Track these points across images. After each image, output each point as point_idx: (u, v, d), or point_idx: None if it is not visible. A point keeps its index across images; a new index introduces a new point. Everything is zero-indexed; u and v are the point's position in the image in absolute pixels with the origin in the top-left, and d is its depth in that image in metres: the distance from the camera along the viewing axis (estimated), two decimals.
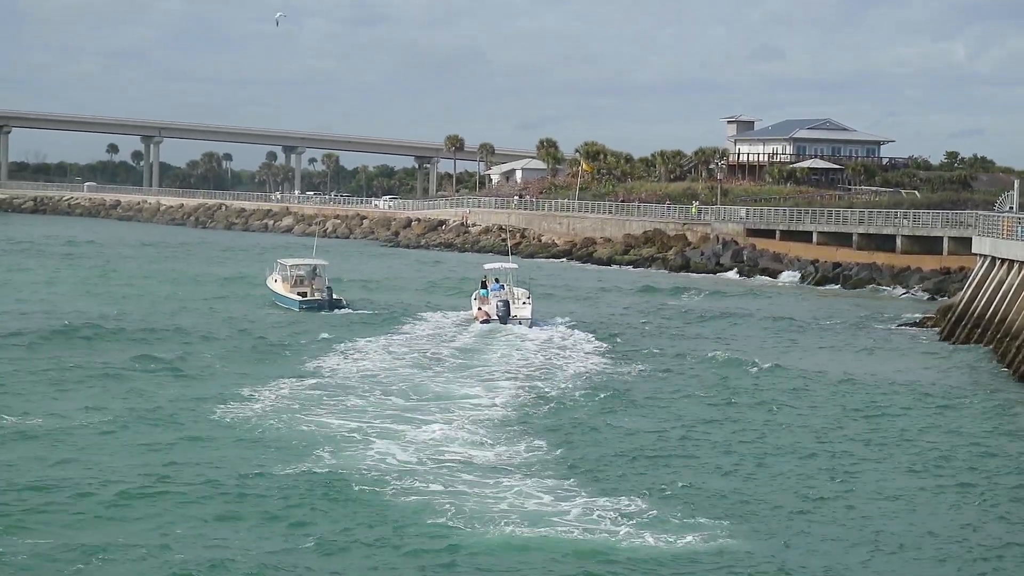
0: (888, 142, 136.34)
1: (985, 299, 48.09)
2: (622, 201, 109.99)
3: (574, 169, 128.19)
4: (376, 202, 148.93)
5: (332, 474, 24.05)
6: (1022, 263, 44.99)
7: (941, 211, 79.52)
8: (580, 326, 49.80)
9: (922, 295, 67.47)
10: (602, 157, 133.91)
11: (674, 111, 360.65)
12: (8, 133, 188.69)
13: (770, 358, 41.75)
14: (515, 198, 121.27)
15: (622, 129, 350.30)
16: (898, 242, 77.07)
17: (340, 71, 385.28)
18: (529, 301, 50.59)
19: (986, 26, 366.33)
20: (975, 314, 48.25)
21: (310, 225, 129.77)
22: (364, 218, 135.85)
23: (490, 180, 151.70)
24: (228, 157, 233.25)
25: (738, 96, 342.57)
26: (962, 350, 45.49)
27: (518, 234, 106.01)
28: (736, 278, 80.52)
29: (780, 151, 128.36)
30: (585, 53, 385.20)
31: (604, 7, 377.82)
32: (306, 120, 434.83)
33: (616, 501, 22.57)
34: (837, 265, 77.29)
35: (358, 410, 30.69)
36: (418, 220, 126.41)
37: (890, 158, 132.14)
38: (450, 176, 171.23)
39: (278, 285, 57.40)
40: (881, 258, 75.91)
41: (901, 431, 30.25)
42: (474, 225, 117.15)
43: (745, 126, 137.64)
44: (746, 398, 34.30)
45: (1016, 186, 67.46)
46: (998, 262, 48.62)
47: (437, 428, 28.52)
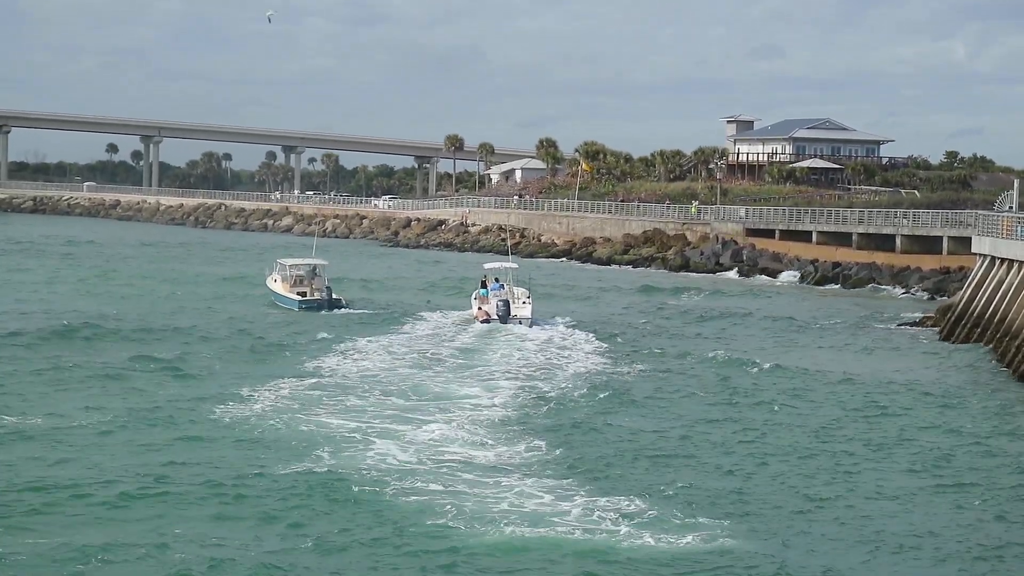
0: (888, 142, 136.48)
1: (985, 299, 48.10)
2: (622, 201, 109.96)
3: (574, 169, 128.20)
4: (376, 202, 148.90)
5: (332, 474, 24.04)
6: (1022, 263, 44.98)
7: (941, 211, 79.49)
8: (580, 326, 49.81)
9: (922, 295, 67.48)
10: (602, 157, 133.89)
11: (674, 111, 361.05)
12: (8, 133, 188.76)
13: (770, 358, 41.76)
14: (515, 198, 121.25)
15: (622, 129, 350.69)
16: (898, 242, 77.08)
17: (340, 71, 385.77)
18: (529, 301, 50.56)
19: (985, 25, 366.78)
20: (975, 314, 48.25)
21: (310, 225, 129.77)
22: (364, 218, 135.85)
23: (490, 180, 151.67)
24: (228, 157, 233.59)
25: (738, 96, 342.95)
26: (962, 349, 45.50)
27: (518, 234, 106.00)
28: (736, 278, 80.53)
29: (780, 151, 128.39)
30: (585, 53, 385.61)
31: (604, 7, 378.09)
32: (306, 120, 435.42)
33: (616, 501, 22.55)
34: (837, 265, 77.30)
35: (358, 410, 30.67)
36: (418, 220, 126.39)
37: (890, 158, 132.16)
38: (450, 176, 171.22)
39: (277, 285, 57.39)
40: (881, 258, 75.92)
41: (901, 431, 30.25)
42: (474, 225, 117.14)
43: (744, 126, 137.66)
44: (746, 398, 34.29)
45: (1016, 186, 67.31)
46: (998, 261, 48.62)
47: (437, 428, 28.50)
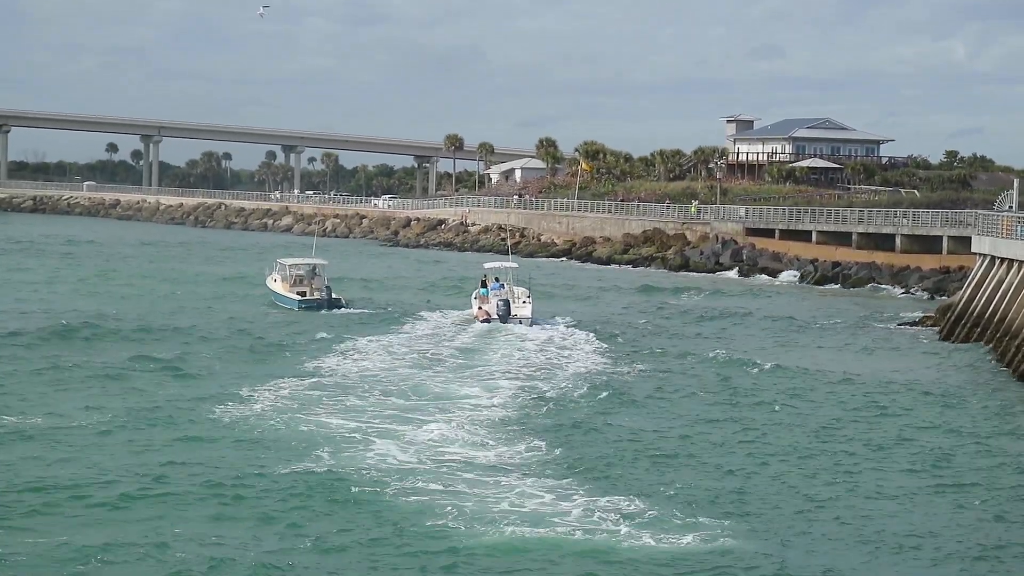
0: (887, 141, 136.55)
1: (984, 298, 48.09)
2: (621, 200, 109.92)
3: (573, 168, 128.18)
4: (375, 201, 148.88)
5: (331, 474, 24.02)
6: (1021, 262, 44.97)
7: (940, 210, 79.46)
8: (580, 325, 49.79)
9: (922, 294, 67.48)
10: (601, 156, 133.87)
11: (673, 110, 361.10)
12: (7, 132, 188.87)
13: (770, 358, 41.75)
14: (514, 197, 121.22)
15: (621, 128, 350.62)
16: (897, 241, 77.06)
17: (340, 70, 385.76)
18: (529, 300, 50.56)
19: (985, 25, 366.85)
20: (974, 313, 48.25)
21: (309, 224, 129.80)
22: (363, 217, 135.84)
23: (489, 179, 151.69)
24: (227, 156, 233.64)
25: (738, 96, 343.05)
26: (961, 349, 45.50)
27: (517, 233, 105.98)
28: (735, 277, 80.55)
29: (779, 150, 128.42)
30: (585, 52, 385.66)
31: (604, 7, 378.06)
32: (306, 119, 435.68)
33: (616, 501, 22.53)
34: (836, 264, 77.29)
35: (358, 410, 30.65)
36: (417, 219, 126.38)
37: (889, 157, 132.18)
38: (449, 175, 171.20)
39: (277, 284, 57.37)
40: (880, 257, 75.91)
41: (901, 431, 30.23)
42: (473, 224, 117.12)
43: (744, 125, 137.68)
44: (746, 398, 34.27)
45: (1015, 185, 67.29)
46: (997, 261, 48.62)
47: (437, 428, 28.47)
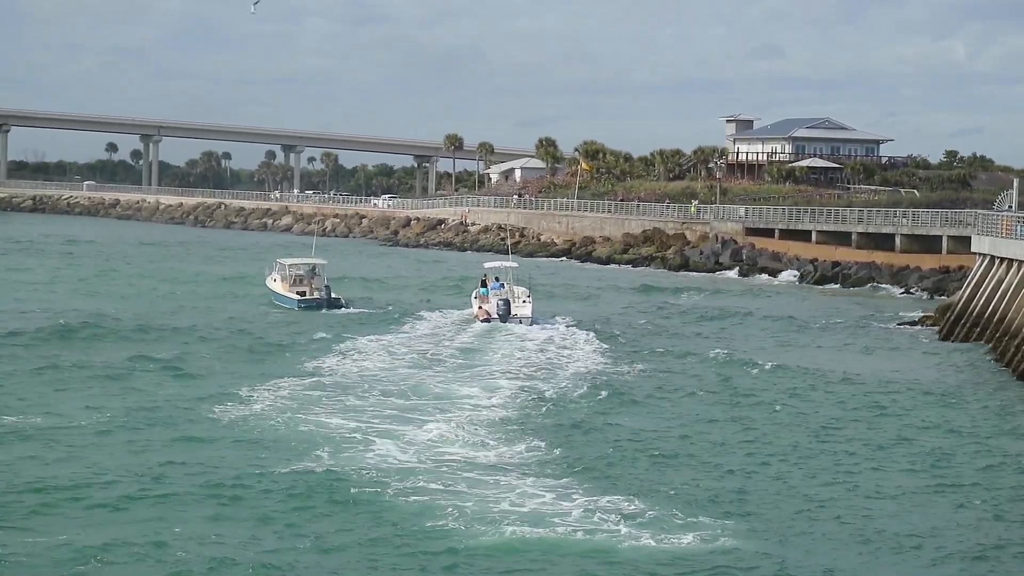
0: (887, 141, 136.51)
1: (984, 298, 48.10)
2: (621, 200, 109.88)
3: (573, 168, 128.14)
4: (375, 201, 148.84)
5: (331, 474, 24.01)
6: (1021, 262, 44.97)
7: (940, 210, 79.42)
8: (580, 325, 49.77)
9: (921, 294, 67.48)
10: (601, 156, 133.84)
11: (673, 110, 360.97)
12: (7, 132, 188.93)
13: (770, 357, 41.74)
14: (514, 197, 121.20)
15: (621, 128, 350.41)
16: (897, 241, 77.04)
17: (339, 70, 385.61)
18: (529, 300, 50.58)
19: (985, 25, 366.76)
20: (974, 313, 48.26)
21: (309, 224, 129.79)
22: (363, 217, 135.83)
23: (489, 179, 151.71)
24: (227, 156, 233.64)
25: (738, 96, 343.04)
26: (961, 349, 45.51)
27: (517, 233, 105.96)
28: (735, 277, 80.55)
29: (779, 150, 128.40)
30: (584, 52, 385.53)
31: (604, 7, 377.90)
32: (305, 119, 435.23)
33: (616, 501, 22.52)
34: (836, 264, 77.28)
35: (358, 410, 30.64)
36: (417, 219, 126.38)
37: (889, 157, 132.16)
38: (449, 175, 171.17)
39: (277, 284, 57.38)
40: (880, 257, 75.89)
41: (901, 431, 30.23)
42: (473, 224, 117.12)
43: (744, 125, 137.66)
44: (746, 398, 34.26)
45: (1015, 185, 67.25)
46: (997, 261, 48.62)
47: (437, 428, 28.46)
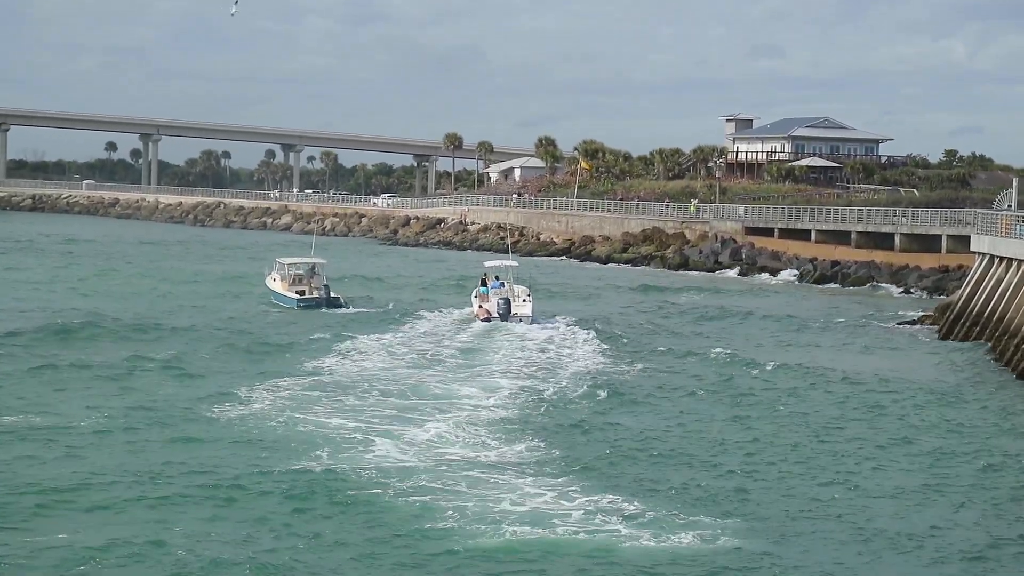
0: (887, 140, 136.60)
1: (983, 297, 48.09)
2: (620, 199, 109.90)
3: (573, 167, 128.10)
4: (375, 200, 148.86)
5: (331, 474, 23.99)
6: (1020, 261, 44.96)
7: (940, 209, 79.38)
8: (580, 324, 49.72)
9: (920, 293, 67.48)
10: (600, 155, 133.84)
11: (673, 109, 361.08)
12: (7, 131, 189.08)
13: (769, 357, 41.73)
14: (514, 196, 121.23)
15: (621, 127, 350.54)
16: (897, 240, 77.03)
17: (339, 69, 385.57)
18: (529, 299, 50.60)
19: (985, 24, 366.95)
20: (973, 312, 48.26)
21: (308, 223, 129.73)
22: (363, 216, 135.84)
23: (489, 178, 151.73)
24: (227, 155, 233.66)
25: (737, 95, 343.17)
26: (961, 348, 45.51)
27: (517, 232, 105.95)
28: (735, 276, 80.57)
29: (778, 149, 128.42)
30: (584, 52, 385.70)
31: (604, 6, 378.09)
32: (305, 118, 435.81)
33: (616, 501, 22.51)
34: (836, 263, 77.28)
35: (357, 410, 30.61)
36: (416, 218, 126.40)
37: (889, 156, 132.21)
38: (449, 174, 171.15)
39: (276, 284, 57.39)
40: (880, 256, 75.89)
41: (901, 430, 30.22)
42: (473, 223, 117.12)
43: (744, 124, 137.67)
44: (746, 397, 34.25)
45: (1015, 184, 67.30)
46: (996, 260, 48.61)
47: (437, 428, 28.45)
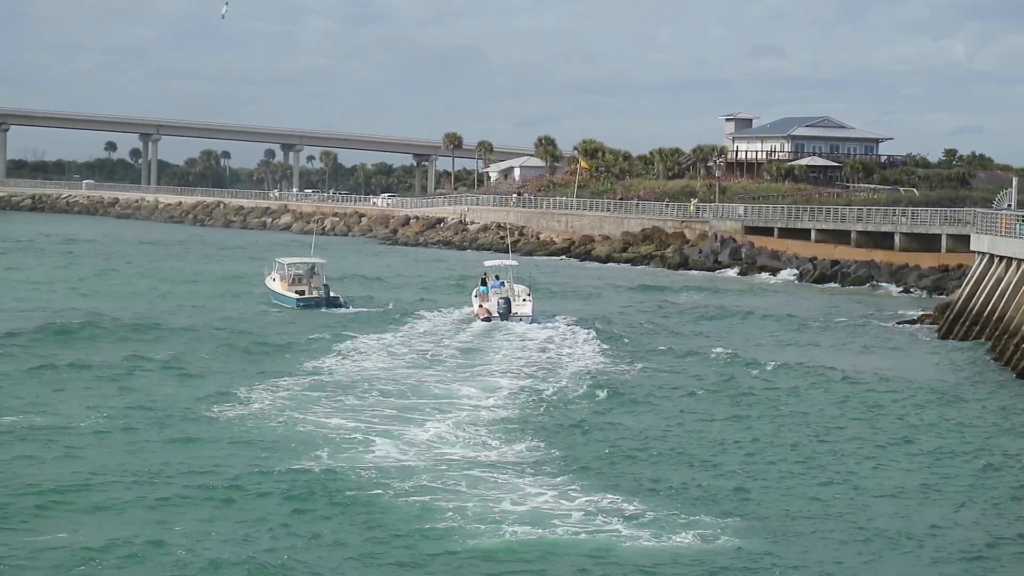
0: (886, 140, 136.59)
1: (983, 296, 48.10)
2: (620, 199, 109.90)
3: (572, 167, 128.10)
4: (374, 200, 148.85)
5: (331, 474, 23.99)
6: (1020, 260, 44.97)
7: (939, 209, 79.43)
8: (580, 324, 49.72)
9: (920, 292, 67.50)
10: (600, 155, 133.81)
11: (672, 109, 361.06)
12: (7, 131, 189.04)
13: (769, 356, 41.73)
14: (513, 196, 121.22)
15: (620, 127, 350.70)
16: (896, 240, 77.06)
17: (339, 69, 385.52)
18: (529, 298, 50.62)
19: (985, 24, 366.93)
20: (973, 311, 48.26)
21: (308, 223, 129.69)
22: (362, 216, 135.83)
23: (488, 178, 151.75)
24: (226, 155, 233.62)
25: (737, 95, 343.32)
26: (960, 347, 45.52)
27: (516, 232, 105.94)
28: (734, 276, 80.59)
29: (778, 149, 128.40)
30: (584, 52, 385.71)
31: (603, 6, 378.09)
32: (305, 118, 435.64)
33: (616, 500, 22.51)
34: (835, 263, 77.30)
35: (357, 410, 30.60)
36: (416, 218, 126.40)
37: (888, 156, 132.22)
38: (448, 174, 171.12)
39: (276, 283, 57.41)
40: (879, 256, 75.92)
41: (901, 430, 30.21)
42: (472, 223, 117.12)
43: (743, 124, 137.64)
44: (746, 397, 34.24)
45: (1014, 183, 67.31)
46: (996, 259, 48.61)
47: (437, 428, 28.45)
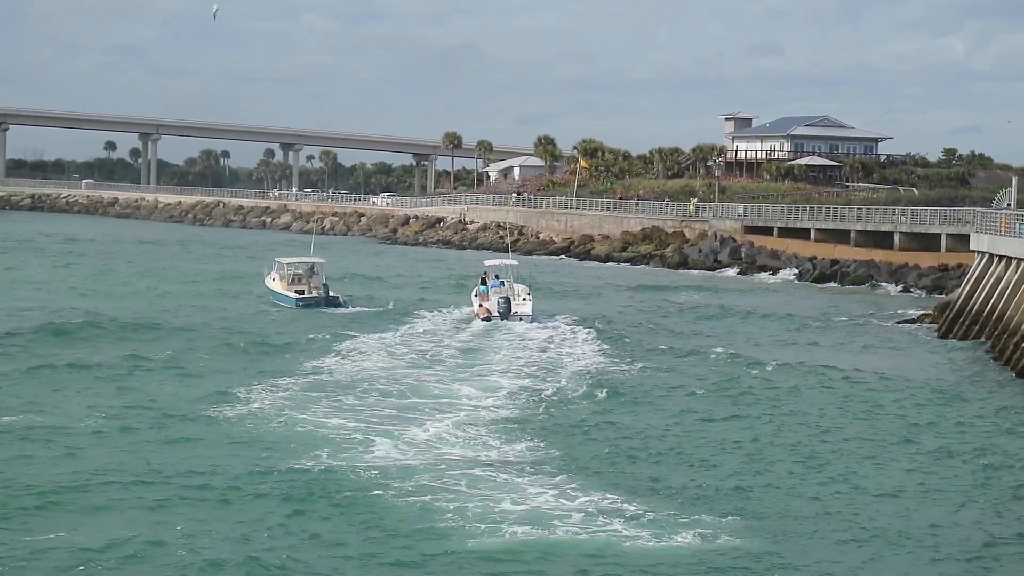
0: (886, 139, 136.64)
1: (983, 296, 48.12)
2: (620, 198, 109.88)
3: (572, 166, 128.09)
4: (374, 199, 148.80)
5: (331, 474, 24.00)
6: (1020, 260, 44.99)
7: (939, 208, 79.47)
8: (580, 323, 49.72)
9: (920, 292, 67.52)
10: (600, 154, 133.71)
11: (672, 108, 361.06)
12: (6, 130, 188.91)
13: (769, 356, 41.74)
14: (513, 195, 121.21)
15: (620, 126, 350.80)
16: (896, 239, 77.07)
17: (338, 68, 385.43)
18: (529, 298, 50.64)
19: (985, 23, 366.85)
20: (973, 310, 48.28)
21: (308, 222, 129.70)
22: (362, 215, 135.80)
23: (488, 177, 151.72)
24: (226, 154, 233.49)
25: (736, 94, 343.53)
26: (960, 347, 45.55)
27: (516, 231, 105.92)
28: (734, 275, 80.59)
29: (778, 148, 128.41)
30: (583, 50, 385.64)
31: (603, 5, 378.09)
32: (304, 117, 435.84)
33: (617, 501, 22.52)
34: (835, 262, 77.30)
35: (357, 409, 30.60)
36: (416, 217, 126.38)
37: (888, 155, 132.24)
38: (448, 173, 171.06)
39: (275, 283, 57.42)
40: (879, 255, 75.93)
41: (901, 429, 30.23)
42: (472, 222, 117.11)
43: (743, 123, 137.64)
44: (746, 396, 34.26)
45: (1014, 183, 67.41)
46: (996, 259, 48.63)
47: (437, 428, 28.46)
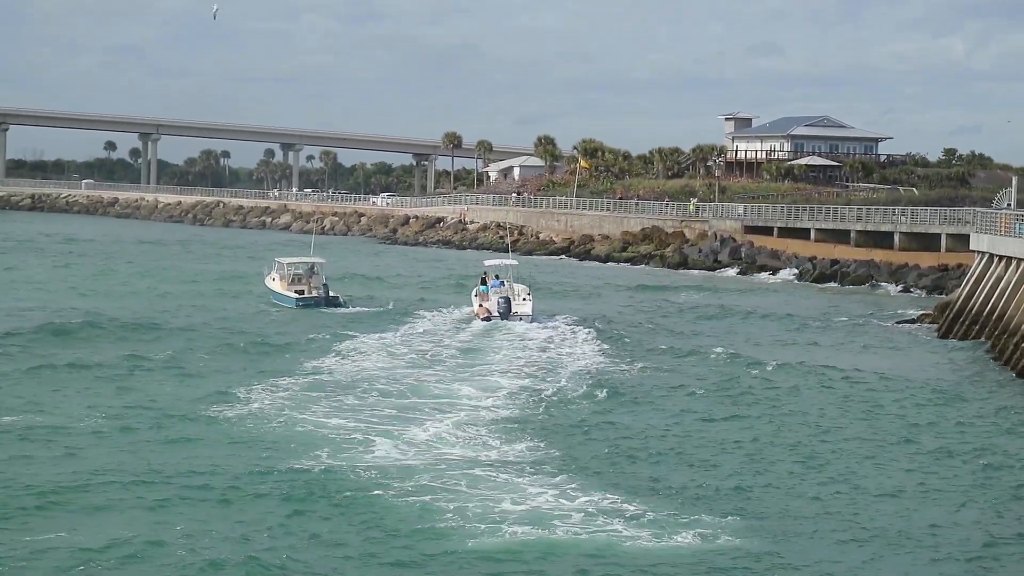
0: (886, 139, 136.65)
1: (983, 296, 48.12)
2: (620, 198, 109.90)
3: (572, 166, 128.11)
4: (374, 199, 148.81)
5: (330, 474, 24.00)
6: (1020, 260, 45.00)
7: (939, 208, 79.49)
8: (580, 323, 49.73)
9: (920, 292, 67.52)
10: (600, 154, 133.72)
11: (672, 108, 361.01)
12: (6, 130, 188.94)
13: (769, 356, 41.74)
14: (513, 195, 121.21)
15: (620, 126, 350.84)
16: (896, 239, 77.09)
17: (338, 68, 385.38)
18: (529, 297, 50.65)
19: (984, 23, 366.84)
20: (973, 310, 48.29)
21: (308, 222, 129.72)
22: (362, 215, 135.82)
23: (488, 177, 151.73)
24: (226, 154, 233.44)
25: (736, 94, 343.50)
26: (960, 347, 45.54)
27: (516, 231, 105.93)
28: (734, 275, 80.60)
29: (778, 148, 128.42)
30: (583, 50, 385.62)
31: (602, 4, 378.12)
32: (304, 117, 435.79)
33: (617, 501, 22.52)
34: (835, 262, 77.31)
35: (357, 410, 30.60)
36: (416, 217, 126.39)
37: (888, 155, 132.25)
38: (448, 173, 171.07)
39: (275, 283, 57.43)
40: (879, 255, 75.94)
41: (901, 429, 30.23)
42: (472, 222, 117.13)
43: (743, 123, 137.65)
44: (745, 396, 34.26)
45: (1014, 183, 67.41)
46: (996, 259, 48.63)
47: (436, 428, 28.46)
